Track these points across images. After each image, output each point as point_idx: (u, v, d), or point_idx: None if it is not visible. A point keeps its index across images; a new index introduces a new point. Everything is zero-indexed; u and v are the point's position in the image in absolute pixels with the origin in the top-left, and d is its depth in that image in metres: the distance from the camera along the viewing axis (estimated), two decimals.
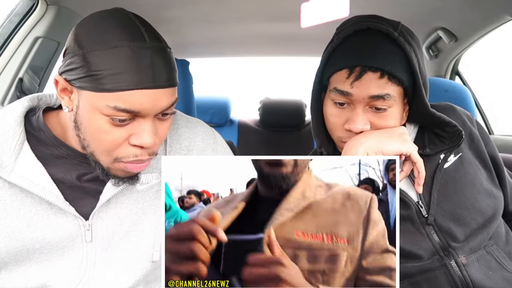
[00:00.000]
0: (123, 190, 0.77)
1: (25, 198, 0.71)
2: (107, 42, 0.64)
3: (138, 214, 0.78)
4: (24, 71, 1.40)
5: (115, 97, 0.65)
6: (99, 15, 0.69)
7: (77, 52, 0.66)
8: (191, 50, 2.15)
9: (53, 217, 0.73)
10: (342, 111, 0.84)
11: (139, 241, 0.78)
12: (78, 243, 0.75)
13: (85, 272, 0.75)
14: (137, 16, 0.70)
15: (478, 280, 0.83)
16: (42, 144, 0.74)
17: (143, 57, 0.65)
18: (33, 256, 0.73)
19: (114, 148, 0.69)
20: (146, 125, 0.68)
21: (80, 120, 0.69)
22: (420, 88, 0.82)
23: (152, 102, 0.66)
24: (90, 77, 0.65)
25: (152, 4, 1.43)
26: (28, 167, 0.72)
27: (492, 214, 0.88)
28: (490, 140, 0.95)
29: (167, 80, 0.68)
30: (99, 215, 0.75)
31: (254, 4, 1.52)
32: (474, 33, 1.61)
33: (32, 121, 0.75)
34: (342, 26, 0.87)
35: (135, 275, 0.78)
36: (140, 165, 0.72)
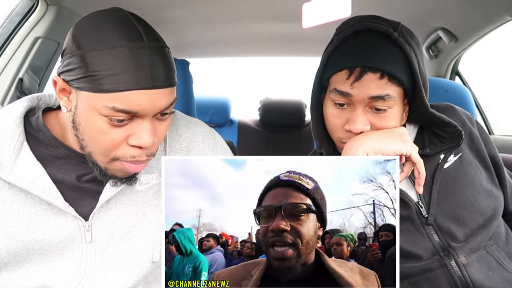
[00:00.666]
0: (122, 191, 0.77)
1: (24, 199, 0.71)
2: (105, 43, 0.64)
3: (138, 215, 0.78)
4: (24, 71, 1.40)
5: (113, 98, 0.64)
6: (97, 15, 0.68)
7: (75, 53, 0.65)
8: (191, 50, 2.14)
9: (53, 218, 0.73)
10: (342, 112, 0.84)
11: (139, 241, 0.78)
12: (78, 243, 0.75)
13: (85, 273, 0.75)
14: (135, 15, 0.70)
15: (478, 280, 0.83)
16: (41, 144, 0.74)
17: (141, 57, 0.65)
18: (33, 257, 0.73)
19: (113, 149, 0.68)
20: (145, 125, 0.68)
21: (79, 120, 0.68)
22: (420, 88, 0.82)
23: (150, 102, 0.66)
24: (88, 77, 0.64)
25: (152, 4, 1.43)
26: (27, 168, 0.71)
27: (492, 214, 0.88)
28: (490, 140, 0.95)
29: (165, 80, 0.67)
30: (99, 216, 0.75)
31: (254, 4, 1.52)
32: (474, 33, 1.60)
33: (32, 122, 0.75)
34: (341, 26, 0.87)
35: (135, 275, 0.78)
36: (138, 166, 0.71)
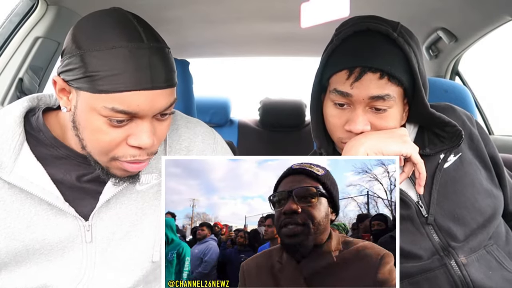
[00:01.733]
0: (122, 191, 0.77)
1: (24, 199, 0.71)
2: (104, 43, 0.64)
3: (138, 215, 0.78)
4: (24, 71, 1.40)
5: (113, 98, 0.64)
6: (97, 15, 0.68)
7: (75, 53, 0.65)
8: (191, 50, 2.14)
9: (53, 218, 0.73)
10: (342, 112, 0.84)
11: (139, 241, 0.78)
12: (78, 243, 0.75)
13: (85, 273, 0.75)
14: (135, 16, 0.69)
15: (478, 280, 0.83)
16: (41, 144, 0.74)
17: (141, 57, 0.64)
18: (33, 257, 0.73)
19: (112, 149, 0.68)
20: (144, 126, 0.67)
21: (78, 120, 0.68)
22: (419, 88, 0.82)
23: (150, 103, 0.66)
24: (88, 78, 0.64)
25: (152, 4, 1.43)
26: (27, 168, 0.71)
27: (492, 214, 0.88)
28: (489, 140, 0.95)
29: (165, 80, 0.67)
30: (99, 216, 0.75)
31: (254, 4, 1.52)
32: (474, 33, 1.60)
33: (32, 122, 0.75)
34: (341, 27, 0.87)
35: (135, 275, 0.78)
36: (138, 166, 0.71)
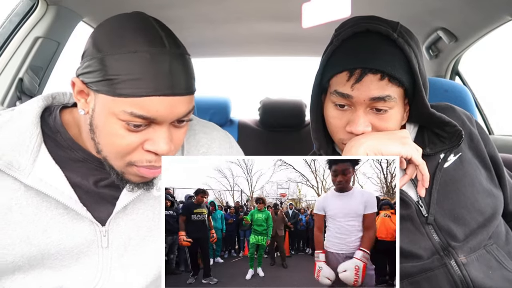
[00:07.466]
0: (139, 196, 0.76)
1: (40, 202, 0.70)
2: (125, 47, 0.63)
3: (155, 220, 0.77)
4: (24, 71, 1.40)
5: (132, 103, 0.63)
6: (119, 19, 0.67)
7: (95, 55, 0.64)
8: (192, 50, 2.12)
9: (69, 222, 0.72)
10: (343, 113, 0.84)
11: (155, 247, 0.77)
12: (94, 248, 0.74)
13: (100, 277, 0.74)
14: (157, 21, 0.68)
15: (478, 279, 0.83)
16: (59, 146, 0.73)
17: (162, 63, 0.63)
18: (48, 261, 0.72)
19: (128, 153, 0.67)
20: (162, 132, 0.66)
21: (96, 123, 0.67)
22: (420, 88, 0.82)
23: (169, 109, 0.65)
24: (108, 81, 0.63)
25: (153, 4, 1.43)
26: (46, 171, 0.70)
27: (491, 214, 0.88)
28: (489, 140, 0.95)
29: (185, 87, 0.66)
30: (116, 221, 0.75)
31: (254, 4, 1.52)
32: (474, 33, 1.61)
33: (49, 122, 0.74)
34: (340, 28, 0.87)
35: (148, 279, 0.78)
36: (154, 171, 0.70)
